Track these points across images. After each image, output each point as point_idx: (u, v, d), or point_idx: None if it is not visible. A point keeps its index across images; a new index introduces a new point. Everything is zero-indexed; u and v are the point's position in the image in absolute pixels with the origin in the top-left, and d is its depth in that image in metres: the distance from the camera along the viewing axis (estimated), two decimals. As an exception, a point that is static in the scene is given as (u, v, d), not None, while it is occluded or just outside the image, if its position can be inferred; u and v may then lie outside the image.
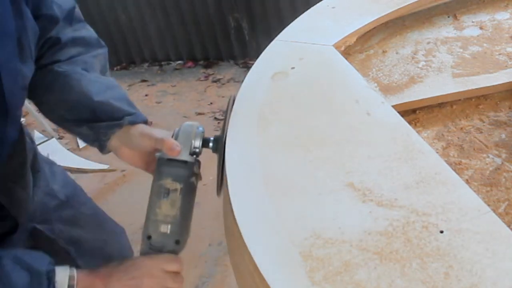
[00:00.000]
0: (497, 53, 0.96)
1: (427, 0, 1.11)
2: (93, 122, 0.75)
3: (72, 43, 0.79)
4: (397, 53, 1.04)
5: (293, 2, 2.88)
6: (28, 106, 2.49)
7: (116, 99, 0.77)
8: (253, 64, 0.94)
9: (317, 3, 1.16)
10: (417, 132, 0.69)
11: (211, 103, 2.88)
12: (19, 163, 0.79)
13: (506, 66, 0.91)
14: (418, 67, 0.97)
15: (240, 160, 0.70)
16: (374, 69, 1.00)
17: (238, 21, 3.10)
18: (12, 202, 0.77)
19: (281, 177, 0.65)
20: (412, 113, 0.89)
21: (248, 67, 2.41)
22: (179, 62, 3.45)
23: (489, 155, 0.76)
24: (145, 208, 0.71)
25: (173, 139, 0.72)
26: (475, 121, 0.84)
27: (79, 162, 2.51)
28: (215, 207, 1.85)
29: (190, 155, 0.72)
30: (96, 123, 0.75)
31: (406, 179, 0.61)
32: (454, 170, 0.61)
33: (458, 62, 0.95)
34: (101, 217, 1.05)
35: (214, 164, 0.73)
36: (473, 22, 1.09)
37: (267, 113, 0.78)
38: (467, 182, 0.71)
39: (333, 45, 0.95)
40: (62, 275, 0.65)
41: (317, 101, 0.79)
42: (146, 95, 3.17)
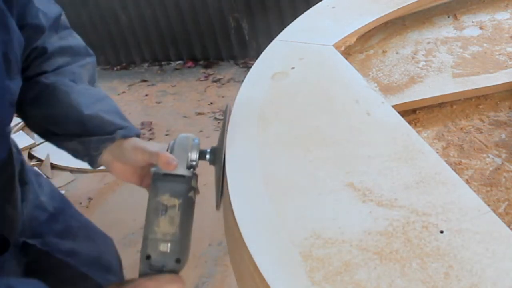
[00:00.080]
0: (497, 53, 0.96)
1: (427, 0, 1.11)
2: (83, 137, 0.72)
3: (59, 53, 0.75)
4: (397, 53, 1.04)
5: (293, 2, 2.88)
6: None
7: (107, 112, 0.74)
8: (253, 64, 0.94)
9: (317, 3, 1.16)
10: (417, 132, 0.69)
11: (211, 103, 2.88)
12: (7, 179, 0.75)
13: (506, 66, 0.91)
14: (418, 67, 0.97)
15: (240, 160, 0.70)
16: (374, 69, 1.00)
17: (238, 21, 3.10)
18: (2, 221, 0.74)
19: (281, 177, 0.65)
20: (412, 113, 0.89)
21: (248, 67, 2.41)
22: (179, 62, 3.45)
23: (489, 155, 0.76)
24: (145, 208, 0.71)
25: (169, 153, 0.69)
26: (475, 121, 0.84)
27: (79, 162, 2.50)
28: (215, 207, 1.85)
29: (187, 169, 0.69)
30: (87, 138, 0.72)
31: (406, 179, 0.61)
32: (454, 170, 0.61)
33: (458, 62, 0.95)
34: (90, 229, 1.01)
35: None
36: (473, 22, 1.09)
37: (267, 113, 0.78)
38: (467, 182, 0.71)
39: (333, 45, 0.95)
40: None
41: (317, 101, 0.79)
42: (146, 95, 3.16)
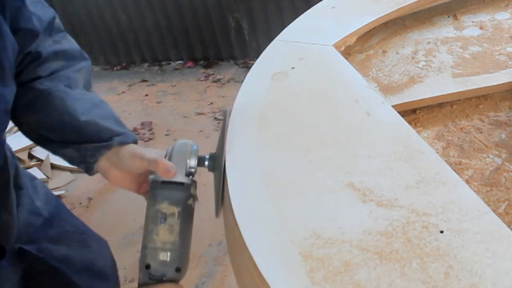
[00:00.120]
0: (497, 53, 0.96)
1: (427, 0, 1.11)
2: (79, 144, 0.71)
3: (54, 57, 0.74)
4: (397, 53, 1.04)
5: (293, 2, 2.88)
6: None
7: (103, 118, 0.72)
8: (253, 64, 0.94)
9: (317, 3, 1.16)
10: (417, 132, 0.69)
11: (211, 103, 2.88)
12: (3, 185, 0.73)
13: (506, 66, 0.91)
14: (418, 67, 0.97)
15: (240, 160, 0.70)
16: (374, 69, 1.00)
17: (238, 21, 3.10)
18: None
19: (281, 177, 0.65)
20: (412, 113, 0.89)
21: (248, 67, 2.41)
22: (179, 62, 3.45)
23: (489, 155, 0.76)
24: (145, 207, 0.71)
25: (167, 160, 0.68)
26: (475, 121, 0.84)
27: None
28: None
29: (186, 176, 0.68)
30: (83, 145, 0.71)
31: (406, 179, 0.61)
32: (454, 170, 0.61)
33: (458, 62, 0.95)
34: (84, 234, 0.98)
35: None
36: (473, 22, 1.09)
37: (267, 113, 0.78)
38: (467, 182, 0.71)
39: (333, 45, 0.95)
40: None
41: (317, 101, 0.79)
42: (146, 95, 3.17)
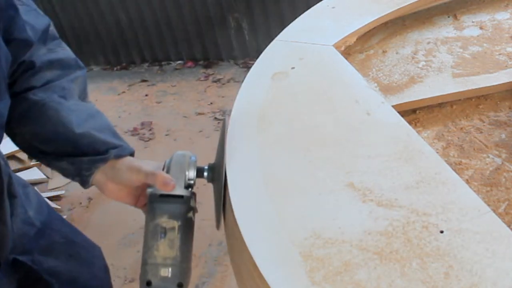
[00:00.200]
0: (497, 53, 0.96)
1: (427, 0, 1.11)
2: (74, 157, 0.69)
3: (48, 66, 0.72)
4: (397, 53, 1.04)
5: (293, 2, 2.88)
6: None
7: (99, 130, 0.70)
8: (253, 64, 0.94)
9: (317, 3, 1.16)
10: (417, 132, 0.69)
11: (211, 103, 2.88)
12: None
13: (506, 66, 0.91)
14: (418, 67, 0.97)
15: (240, 160, 0.70)
16: (374, 69, 1.00)
17: (238, 21, 3.10)
18: None
19: (281, 177, 0.65)
20: (412, 113, 0.89)
21: (248, 67, 2.41)
22: (179, 62, 3.45)
23: (489, 155, 0.76)
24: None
25: (165, 173, 0.66)
26: (475, 121, 0.84)
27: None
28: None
29: (185, 188, 0.67)
30: (78, 158, 0.68)
31: (406, 179, 0.61)
32: (454, 170, 0.61)
33: (458, 62, 0.95)
34: (74, 245, 0.95)
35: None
36: (473, 22, 1.09)
37: (267, 113, 0.78)
38: (467, 182, 0.71)
39: (333, 45, 0.95)
40: None
41: (317, 101, 0.79)
42: (146, 95, 3.16)
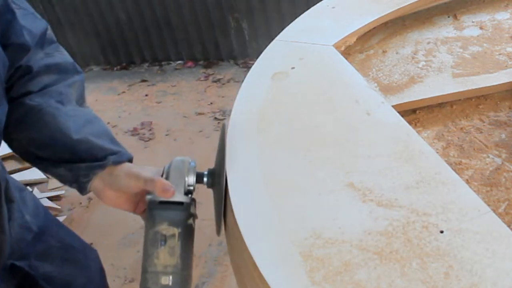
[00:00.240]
0: (497, 53, 0.96)
1: (427, 0, 1.11)
2: (72, 163, 0.67)
3: (45, 71, 0.71)
4: (397, 53, 1.04)
5: (293, 2, 2.88)
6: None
7: (97, 135, 0.69)
8: (253, 64, 0.94)
9: (317, 3, 1.16)
10: (417, 132, 0.69)
11: (211, 103, 2.88)
12: None
13: (506, 66, 0.91)
14: (418, 67, 0.97)
15: (240, 160, 0.70)
16: (374, 69, 1.00)
17: (238, 21, 3.10)
18: None
19: (281, 177, 0.65)
20: (412, 113, 0.89)
21: (248, 67, 2.41)
22: (179, 62, 3.45)
23: (489, 155, 0.76)
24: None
25: (164, 179, 0.65)
26: (475, 121, 0.84)
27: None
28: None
29: (185, 195, 0.66)
30: (75, 164, 0.67)
31: (406, 179, 0.61)
32: (454, 170, 0.61)
33: (458, 62, 0.95)
34: (69, 249, 0.94)
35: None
36: (473, 22, 1.09)
37: (267, 113, 0.78)
38: (467, 182, 0.71)
39: (333, 45, 0.95)
40: None
41: (317, 101, 0.79)
42: (146, 95, 3.16)
